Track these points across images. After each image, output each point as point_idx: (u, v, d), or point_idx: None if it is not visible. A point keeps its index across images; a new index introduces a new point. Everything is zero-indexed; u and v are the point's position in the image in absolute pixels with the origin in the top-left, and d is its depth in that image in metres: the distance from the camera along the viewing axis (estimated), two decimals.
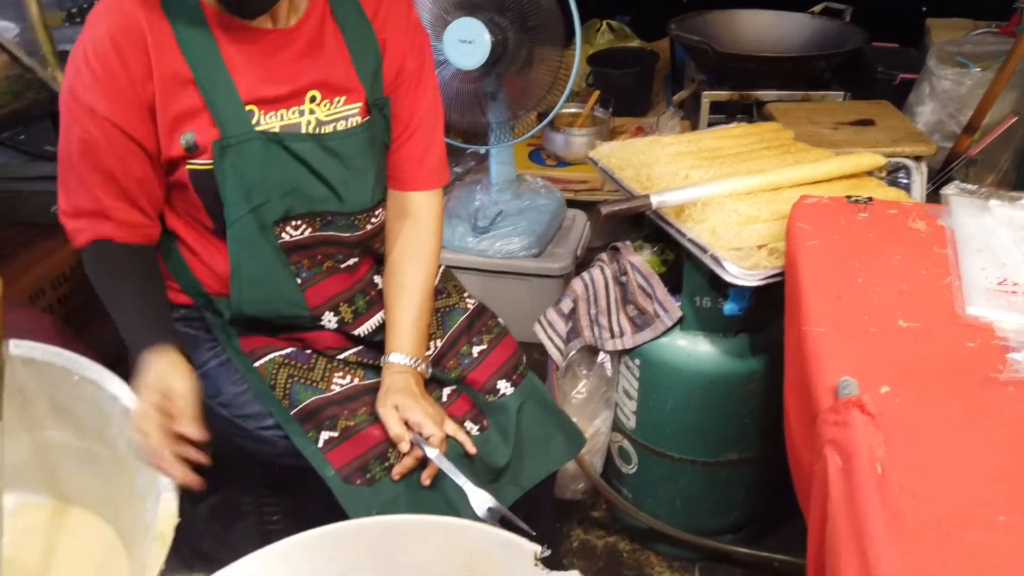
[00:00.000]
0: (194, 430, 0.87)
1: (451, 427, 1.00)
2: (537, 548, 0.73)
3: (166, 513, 0.84)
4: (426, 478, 0.97)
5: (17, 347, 0.96)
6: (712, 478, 1.36)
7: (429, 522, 0.78)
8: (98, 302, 0.95)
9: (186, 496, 0.85)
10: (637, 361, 1.29)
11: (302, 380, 1.02)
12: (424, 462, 0.97)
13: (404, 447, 0.96)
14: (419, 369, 1.04)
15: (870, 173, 1.23)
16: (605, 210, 1.09)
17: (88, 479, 1.02)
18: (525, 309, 1.84)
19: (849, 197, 1.02)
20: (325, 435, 0.99)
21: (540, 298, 1.88)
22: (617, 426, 1.40)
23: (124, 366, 0.94)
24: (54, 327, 1.31)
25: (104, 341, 0.98)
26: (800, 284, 0.86)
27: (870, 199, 1.02)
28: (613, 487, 1.45)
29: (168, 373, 0.89)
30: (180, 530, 0.81)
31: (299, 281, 1.02)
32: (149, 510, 0.88)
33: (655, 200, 1.11)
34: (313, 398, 1.01)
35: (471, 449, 1.00)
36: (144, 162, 0.94)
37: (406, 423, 0.97)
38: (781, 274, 1.05)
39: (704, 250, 1.07)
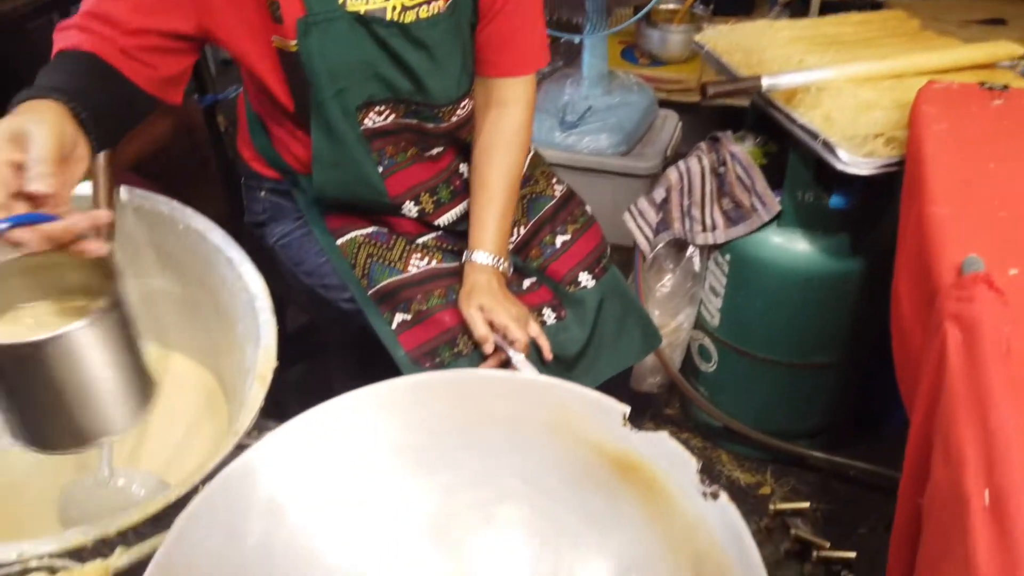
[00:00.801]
0: (45, 185, 0.62)
1: (534, 329, 0.99)
2: (626, 409, 0.73)
3: (266, 357, 0.87)
4: None
5: (127, 195, 0.99)
6: (793, 381, 1.33)
7: (518, 378, 0.78)
8: (201, 173, 0.95)
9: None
10: (727, 257, 1.26)
11: (381, 260, 1.03)
12: (504, 364, 0.97)
13: (488, 348, 0.96)
14: (502, 268, 1.03)
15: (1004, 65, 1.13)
16: (712, 88, 1.04)
17: (190, 327, 1.07)
18: (608, 209, 1.80)
19: (983, 83, 0.95)
20: (399, 317, 1.00)
21: (625, 198, 1.83)
22: (699, 323, 1.38)
23: (226, 229, 0.96)
24: (159, 191, 1.36)
25: (206, 213, 0.99)
26: (924, 167, 0.81)
27: (1006, 86, 0.94)
28: (689, 384, 1.45)
29: (26, 119, 0.65)
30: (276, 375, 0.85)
31: (381, 169, 1.01)
32: (248, 356, 0.92)
33: (766, 82, 1.05)
34: (390, 279, 1.02)
35: (548, 356, 0.99)
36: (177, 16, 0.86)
37: (491, 324, 0.96)
38: (897, 164, 0.99)
39: (815, 136, 1.02)
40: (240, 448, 0.74)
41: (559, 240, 1.12)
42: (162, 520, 0.68)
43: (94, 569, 0.63)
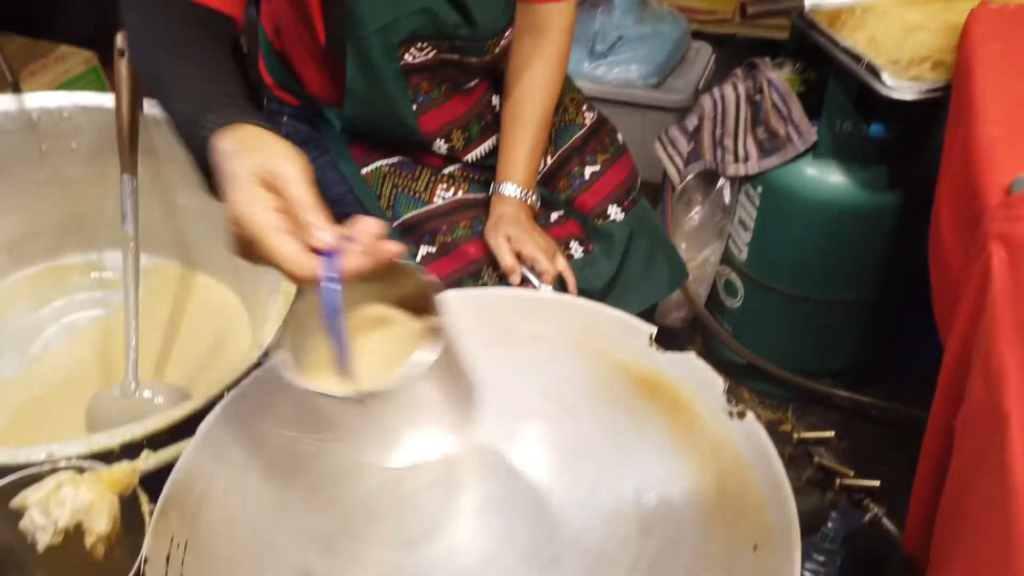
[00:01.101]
0: (331, 237, 0.52)
1: (562, 263, 0.97)
2: (653, 329, 0.72)
3: None
4: None
5: (151, 106, 0.98)
6: (820, 317, 1.31)
7: (543, 297, 0.77)
8: None
9: None
10: (759, 189, 1.23)
11: (406, 191, 1.01)
12: None
13: (515, 280, 0.93)
14: (530, 201, 1.00)
15: None
16: (751, 8, 1.00)
17: (213, 245, 1.07)
18: (637, 143, 1.75)
19: None
20: (424, 250, 0.99)
21: (654, 132, 1.78)
22: (727, 258, 1.36)
23: None
24: None
25: None
26: (975, 88, 0.77)
27: None
28: (714, 320, 1.43)
29: (267, 154, 0.55)
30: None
31: (415, 107, 0.98)
32: (271, 275, 0.91)
33: (809, 2, 1.00)
34: (415, 211, 1.00)
35: (574, 291, 0.97)
36: None
37: (518, 256, 0.94)
38: (942, 89, 0.95)
39: (858, 60, 0.97)
40: (264, 360, 0.74)
41: (588, 171, 1.09)
42: (188, 428, 0.68)
43: (121, 470, 0.64)
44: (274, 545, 0.65)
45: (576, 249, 1.04)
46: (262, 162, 0.54)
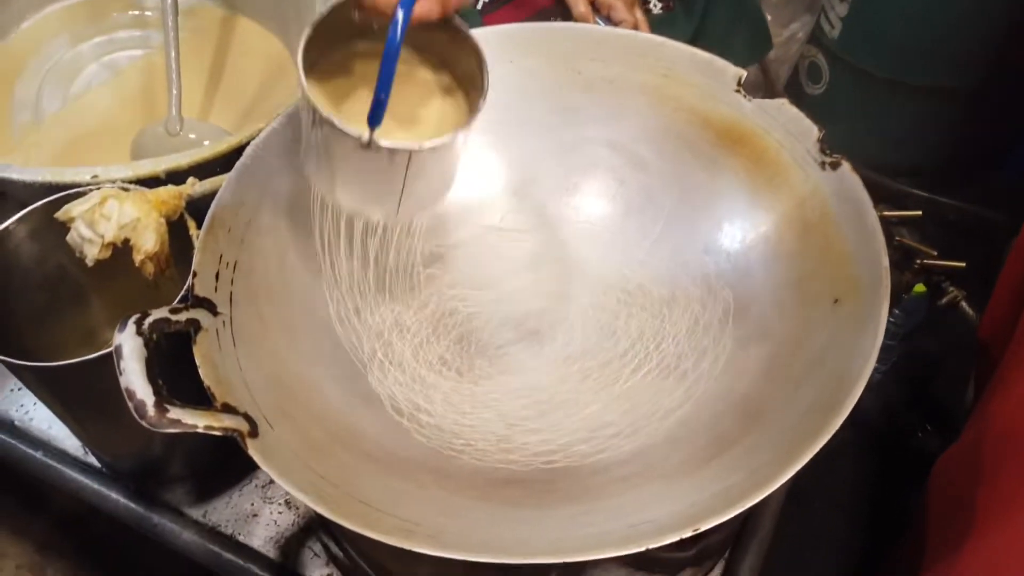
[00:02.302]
0: None
1: (640, 15, 0.87)
2: (742, 72, 0.64)
3: None
4: None
5: None
6: (912, 106, 1.20)
7: (620, 34, 0.69)
8: None
9: None
10: None
11: None
12: None
13: None
14: None
15: None
16: None
17: None
18: None
19: None
20: None
21: None
22: (815, 36, 1.22)
23: None
24: None
25: None
26: None
27: None
28: None
29: None
30: None
31: None
32: (318, 9, 0.84)
33: None
34: None
35: None
36: None
37: (592, 3, 0.84)
38: None
39: None
40: None
41: None
42: (234, 160, 0.65)
43: (167, 191, 0.61)
44: (324, 277, 0.63)
45: (655, 5, 0.94)
46: None
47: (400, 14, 0.46)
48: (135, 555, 0.88)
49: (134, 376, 0.43)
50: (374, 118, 0.49)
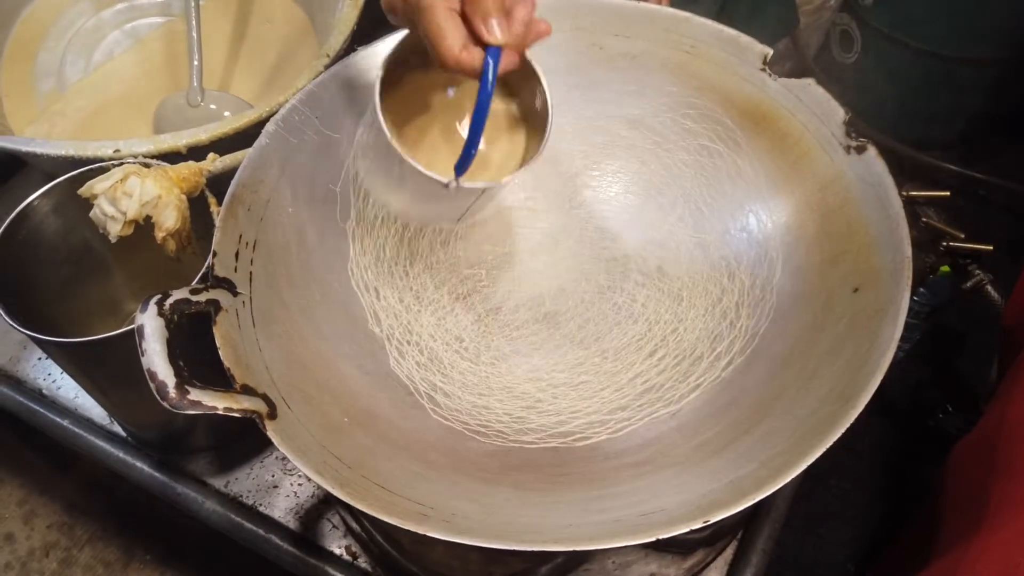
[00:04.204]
0: (500, 8, 0.45)
1: None
2: (768, 50, 0.63)
3: None
4: None
5: None
6: (946, 78, 1.16)
7: (647, 9, 0.67)
8: None
9: None
10: None
11: None
12: None
13: None
14: None
15: None
16: None
17: None
18: None
19: None
20: None
21: None
22: (848, 4, 1.19)
23: None
24: None
25: None
26: None
27: None
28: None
29: None
30: None
31: None
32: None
33: None
34: None
35: None
36: None
37: None
38: None
39: None
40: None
41: None
42: (255, 135, 0.65)
43: (188, 168, 0.62)
44: (343, 257, 0.63)
45: None
46: None
47: (490, 75, 0.45)
48: (160, 515, 0.91)
49: (156, 357, 0.44)
50: (462, 168, 0.50)
